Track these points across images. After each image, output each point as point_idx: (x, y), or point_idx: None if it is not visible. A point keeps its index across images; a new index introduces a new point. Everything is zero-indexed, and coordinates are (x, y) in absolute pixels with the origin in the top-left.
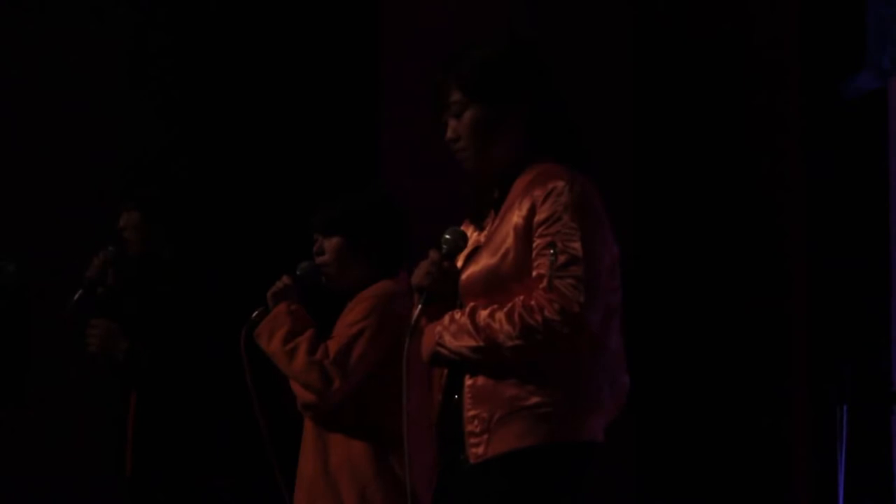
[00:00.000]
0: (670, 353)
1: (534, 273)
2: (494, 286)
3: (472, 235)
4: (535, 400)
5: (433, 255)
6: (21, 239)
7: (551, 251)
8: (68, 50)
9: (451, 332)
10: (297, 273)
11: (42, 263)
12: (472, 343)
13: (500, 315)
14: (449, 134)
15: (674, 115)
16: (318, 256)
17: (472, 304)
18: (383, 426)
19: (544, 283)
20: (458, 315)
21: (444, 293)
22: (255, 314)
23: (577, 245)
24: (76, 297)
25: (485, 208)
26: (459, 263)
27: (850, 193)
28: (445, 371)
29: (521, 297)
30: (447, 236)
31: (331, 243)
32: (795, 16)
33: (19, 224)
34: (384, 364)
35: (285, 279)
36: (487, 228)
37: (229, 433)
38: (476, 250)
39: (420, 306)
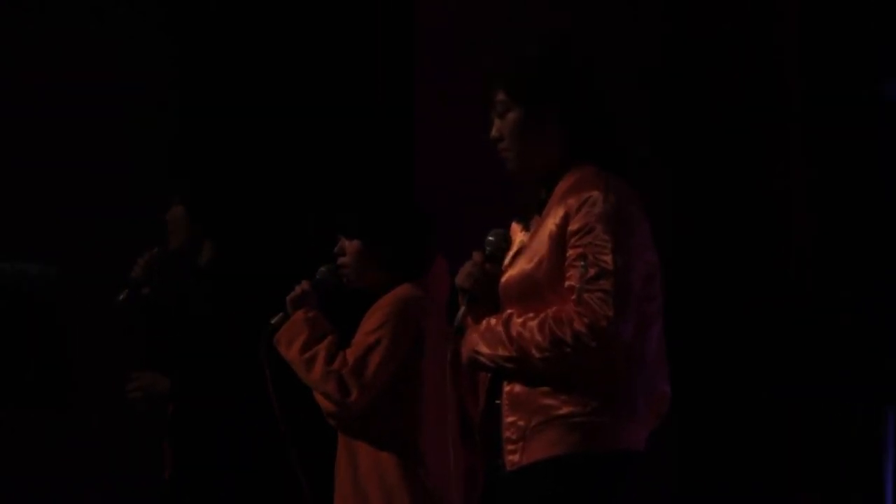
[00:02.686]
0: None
1: (566, 284)
2: (530, 292)
3: (519, 236)
4: (568, 409)
5: (476, 256)
6: (45, 242)
7: (582, 263)
8: (68, 50)
9: (486, 341)
10: (316, 278)
11: (76, 266)
12: (505, 353)
13: (532, 325)
14: (493, 133)
15: (675, 115)
16: (339, 257)
17: (508, 311)
18: (407, 432)
19: (574, 295)
20: (493, 322)
21: (488, 294)
22: (274, 320)
23: (608, 258)
24: (122, 297)
25: (531, 208)
26: (506, 263)
27: (853, 193)
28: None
29: (554, 309)
30: (490, 238)
31: (351, 246)
32: (796, 16)
33: (17, 226)
34: (405, 370)
35: (304, 285)
36: (531, 230)
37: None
38: (518, 252)
39: (463, 308)
